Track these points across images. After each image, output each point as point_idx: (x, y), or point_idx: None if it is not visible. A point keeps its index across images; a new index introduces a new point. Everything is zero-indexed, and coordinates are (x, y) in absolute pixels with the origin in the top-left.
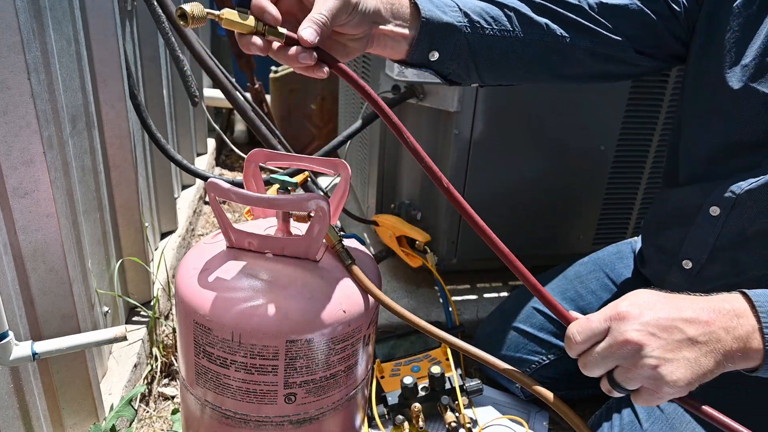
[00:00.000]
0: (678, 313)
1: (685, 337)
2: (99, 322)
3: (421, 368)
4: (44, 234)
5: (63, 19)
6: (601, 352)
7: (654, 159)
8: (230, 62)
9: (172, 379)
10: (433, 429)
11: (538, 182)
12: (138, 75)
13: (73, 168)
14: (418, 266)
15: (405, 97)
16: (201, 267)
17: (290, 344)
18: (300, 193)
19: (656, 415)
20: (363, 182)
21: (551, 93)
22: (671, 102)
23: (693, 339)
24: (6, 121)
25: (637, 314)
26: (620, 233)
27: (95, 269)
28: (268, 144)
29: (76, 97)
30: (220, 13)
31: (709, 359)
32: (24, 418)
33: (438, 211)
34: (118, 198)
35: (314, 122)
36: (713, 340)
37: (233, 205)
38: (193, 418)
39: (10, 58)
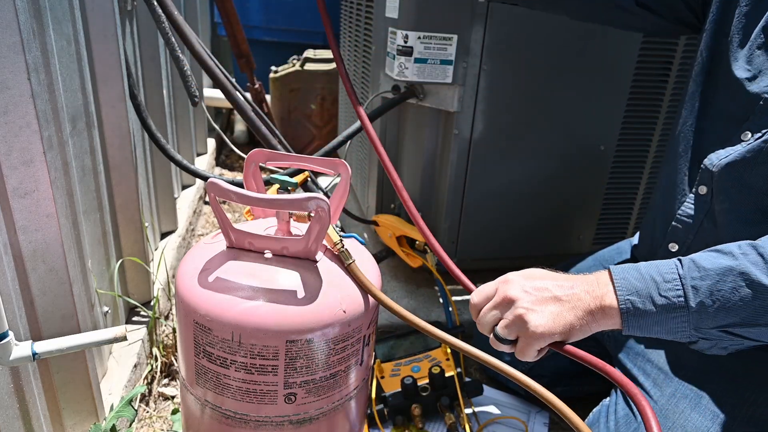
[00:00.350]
0: (551, 279)
1: (551, 295)
2: (99, 322)
3: (421, 368)
4: (44, 234)
5: (63, 19)
6: (488, 307)
7: (654, 159)
8: (230, 62)
9: (172, 379)
10: (434, 429)
11: (538, 182)
12: (138, 75)
13: (73, 168)
14: (418, 266)
15: (405, 97)
16: (201, 267)
17: (290, 344)
18: (300, 193)
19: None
20: (363, 182)
21: (551, 93)
22: (671, 102)
23: (557, 297)
24: (6, 121)
25: (519, 280)
26: (620, 233)
27: (95, 269)
28: (268, 144)
29: (76, 97)
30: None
31: (571, 314)
32: (24, 418)
33: (438, 211)
34: (118, 198)
35: (314, 122)
36: (575, 299)
37: (233, 205)
38: (193, 418)
39: (10, 58)
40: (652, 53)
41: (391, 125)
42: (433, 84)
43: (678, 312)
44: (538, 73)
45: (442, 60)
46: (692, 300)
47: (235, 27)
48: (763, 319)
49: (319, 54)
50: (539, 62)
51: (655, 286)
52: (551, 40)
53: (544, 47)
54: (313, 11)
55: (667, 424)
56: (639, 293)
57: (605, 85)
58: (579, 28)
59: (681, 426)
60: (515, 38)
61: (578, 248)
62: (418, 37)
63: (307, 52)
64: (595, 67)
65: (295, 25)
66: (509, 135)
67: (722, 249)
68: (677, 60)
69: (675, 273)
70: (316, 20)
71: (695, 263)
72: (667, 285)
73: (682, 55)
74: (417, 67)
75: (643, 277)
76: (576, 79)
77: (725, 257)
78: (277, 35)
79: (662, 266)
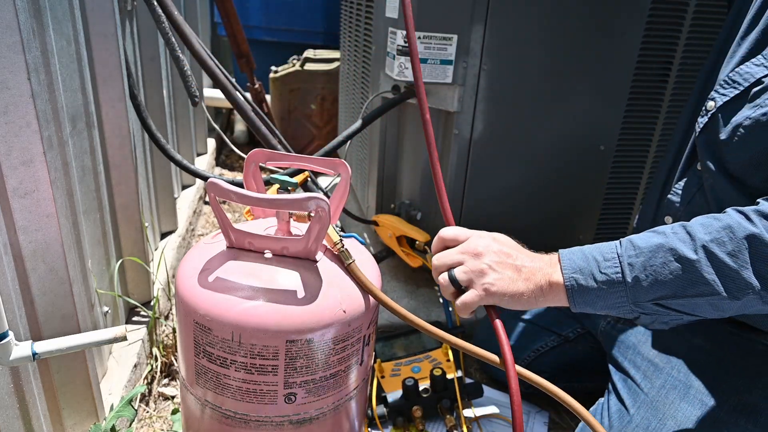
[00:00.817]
0: (516, 249)
1: (514, 263)
2: (99, 322)
3: (421, 368)
4: (44, 234)
5: (63, 19)
6: (455, 250)
7: (654, 159)
8: (230, 62)
9: (172, 379)
10: (434, 430)
11: (538, 182)
12: (138, 75)
13: (73, 168)
14: (418, 266)
15: (405, 97)
16: (201, 267)
17: (290, 344)
18: (300, 193)
19: (641, 400)
20: (363, 182)
21: (551, 93)
22: (671, 102)
23: (517, 266)
24: (6, 121)
25: (489, 241)
26: (620, 233)
27: (95, 269)
28: (268, 144)
29: (76, 97)
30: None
31: (523, 285)
32: (24, 418)
33: (438, 211)
34: (118, 198)
35: (314, 122)
36: (530, 272)
37: (233, 205)
38: (193, 418)
39: (10, 58)
40: (652, 53)
41: (391, 125)
42: (433, 84)
43: (617, 287)
44: (538, 73)
45: (442, 60)
46: (628, 276)
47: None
48: (691, 291)
49: (319, 54)
50: (539, 62)
51: (596, 265)
52: (551, 40)
53: (544, 47)
54: (313, 11)
55: (657, 415)
56: (582, 271)
57: (605, 85)
58: (579, 29)
59: (671, 416)
60: (515, 38)
61: None
62: (418, 37)
63: (307, 52)
64: (595, 67)
65: (295, 25)
66: (509, 135)
67: (657, 230)
68: (677, 60)
69: (614, 252)
70: (316, 20)
71: (632, 243)
72: (606, 263)
73: (682, 55)
74: None
75: (586, 257)
76: (576, 78)
77: (658, 236)
78: (277, 35)
79: (604, 247)
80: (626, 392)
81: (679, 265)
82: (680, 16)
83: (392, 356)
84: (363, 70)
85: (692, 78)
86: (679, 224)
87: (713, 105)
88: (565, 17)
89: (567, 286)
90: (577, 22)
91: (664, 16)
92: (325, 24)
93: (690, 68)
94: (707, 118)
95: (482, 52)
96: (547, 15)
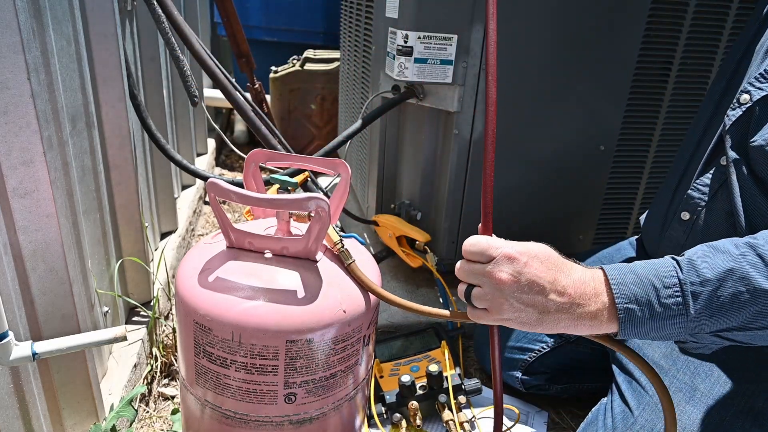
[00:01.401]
0: (554, 276)
1: (541, 302)
2: (99, 322)
3: (420, 368)
4: (44, 234)
5: (63, 19)
6: (476, 271)
7: (654, 159)
8: (230, 62)
9: (172, 379)
10: (432, 428)
11: (538, 182)
12: (138, 75)
13: (73, 168)
14: (418, 266)
15: (405, 97)
16: (201, 267)
17: (290, 344)
18: (300, 193)
19: (645, 402)
20: (363, 182)
21: (551, 93)
22: (671, 102)
23: (545, 308)
24: (6, 121)
25: (523, 263)
26: (620, 233)
27: (95, 269)
28: (268, 144)
29: (76, 97)
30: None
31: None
32: (24, 418)
33: (438, 211)
34: (118, 198)
35: (314, 122)
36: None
37: (233, 205)
38: (193, 418)
39: (10, 58)
40: (652, 53)
41: (391, 125)
42: (433, 84)
43: (676, 319)
44: (538, 73)
45: (442, 60)
46: (692, 307)
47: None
48: (757, 323)
49: (319, 54)
50: (539, 62)
51: (655, 293)
52: (551, 41)
53: (544, 47)
54: (313, 11)
55: (662, 417)
56: (638, 300)
57: (605, 85)
58: (579, 29)
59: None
60: (515, 38)
61: (578, 248)
62: (418, 37)
63: (307, 52)
64: (596, 67)
65: (295, 25)
66: (509, 135)
67: (717, 246)
68: (677, 60)
69: (674, 277)
70: (316, 20)
71: (695, 267)
72: (667, 291)
73: (682, 55)
74: (417, 67)
75: (642, 282)
76: (576, 79)
77: (723, 257)
78: (277, 35)
79: (661, 269)
80: (630, 393)
81: (752, 297)
82: (680, 16)
83: (391, 356)
84: (363, 70)
85: (692, 78)
86: (744, 242)
87: (748, 98)
88: (565, 18)
89: (620, 317)
90: (577, 22)
91: (664, 16)
92: (325, 24)
93: (690, 68)
94: (741, 111)
95: (482, 52)
96: (547, 15)
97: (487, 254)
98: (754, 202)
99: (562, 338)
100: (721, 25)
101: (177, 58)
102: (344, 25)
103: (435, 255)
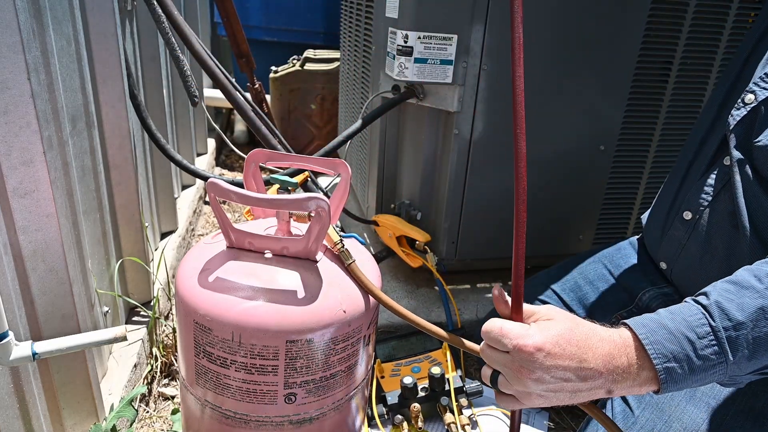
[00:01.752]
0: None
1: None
2: (99, 322)
3: (421, 369)
4: (44, 234)
5: (63, 19)
6: (498, 361)
7: (654, 159)
8: (230, 62)
9: (172, 379)
10: (433, 430)
11: (538, 182)
12: (138, 75)
13: (73, 168)
14: (418, 266)
15: (405, 97)
16: (201, 267)
17: (290, 344)
18: (300, 193)
19: (646, 401)
20: (363, 182)
21: (551, 93)
22: (671, 102)
23: (574, 391)
24: (6, 121)
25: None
26: (620, 233)
27: (95, 269)
28: (268, 144)
29: (76, 97)
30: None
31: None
32: (24, 418)
33: (438, 211)
34: (118, 198)
35: (314, 122)
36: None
37: (233, 205)
38: (193, 418)
39: (10, 58)
40: (652, 53)
41: (391, 125)
42: (433, 84)
43: (716, 368)
44: (537, 73)
45: (442, 60)
46: (730, 354)
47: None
48: None
49: (319, 54)
50: (539, 62)
51: (691, 346)
52: (551, 40)
53: (544, 47)
54: (313, 11)
55: (663, 417)
56: (676, 358)
57: (605, 85)
58: (579, 29)
59: (677, 418)
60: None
61: (578, 248)
62: (418, 37)
63: (307, 52)
64: (595, 67)
65: (295, 25)
66: (509, 135)
67: (742, 282)
68: (677, 60)
69: (705, 324)
70: (316, 20)
71: (724, 311)
72: (702, 342)
73: (682, 55)
74: (417, 67)
75: (675, 337)
76: (576, 79)
77: (752, 294)
78: (277, 35)
79: (690, 318)
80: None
81: None
82: (680, 16)
83: (392, 357)
84: (363, 70)
85: (692, 78)
86: (766, 273)
87: (753, 98)
88: (565, 18)
89: (661, 378)
90: (577, 22)
91: (664, 16)
92: (325, 24)
93: (690, 68)
94: (746, 110)
95: (482, 52)
96: (547, 15)
97: (502, 343)
98: (758, 201)
99: None
100: (721, 25)
101: (177, 58)
102: (344, 25)
103: (435, 255)
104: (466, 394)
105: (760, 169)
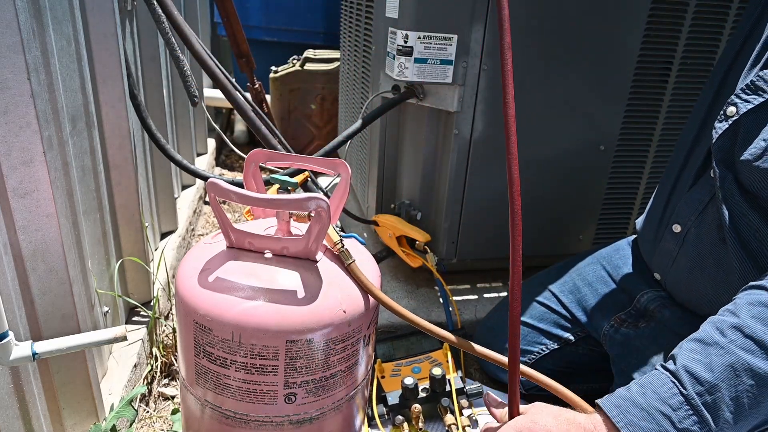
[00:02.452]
0: None
1: None
2: (99, 322)
3: (421, 369)
4: (44, 234)
5: (63, 19)
6: None
7: (654, 159)
8: (230, 62)
9: (172, 379)
10: (433, 430)
11: (538, 182)
12: (138, 75)
13: (73, 168)
14: (418, 266)
15: (405, 97)
16: (201, 267)
17: (290, 344)
18: (300, 193)
19: None
20: (363, 182)
21: (551, 93)
22: (671, 102)
23: None
24: (6, 121)
25: None
26: (620, 233)
27: (95, 269)
28: (268, 144)
29: (76, 97)
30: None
31: None
32: (24, 418)
33: (438, 211)
34: (118, 198)
35: (314, 122)
36: None
37: (233, 205)
38: (193, 418)
39: (10, 58)
40: (652, 53)
41: (391, 125)
42: (433, 84)
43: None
44: (537, 72)
45: (442, 60)
46: (711, 421)
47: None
48: None
49: (319, 54)
50: (539, 62)
51: (668, 421)
52: (551, 40)
53: (543, 47)
54: (313, 11)
55: None
56: None
57: (605, 85)
58: (579, 29)
59: None
60: (515, 38)
61: (578, 248)
62: (418, 37)
63: (307, 52)
64: (595, 67)
65: (295, 25)
66: None
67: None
68: (677, 60)
69: (678, 395)
70: (316, 20)
71: (692, 374)
72: (678, 414)
73: (682, 55)
74: (417, 67)
75: (649, 414)
76: (576, 79)
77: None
78: (277, 35)
79: (660, 389)
80: None
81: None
82: (680, 16)
83: (392, 357)
84: (363, 70)
85: (692, 78)
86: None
87: (734, 111)
88: (566, 18)
89: None
90: (577, 22)
91: (664, 16)
92: (325, 24)
93: (690, 68)
94: (728, 123)
95: (482, 52)
96: (547, 15)
97: None
98: (744, 215)
99: (561, 340)
100: (721, 25)
101: (177, 58)
102: (344, 25)
103: (435, 255)
104: (467, 395)
105: (745, 183)
